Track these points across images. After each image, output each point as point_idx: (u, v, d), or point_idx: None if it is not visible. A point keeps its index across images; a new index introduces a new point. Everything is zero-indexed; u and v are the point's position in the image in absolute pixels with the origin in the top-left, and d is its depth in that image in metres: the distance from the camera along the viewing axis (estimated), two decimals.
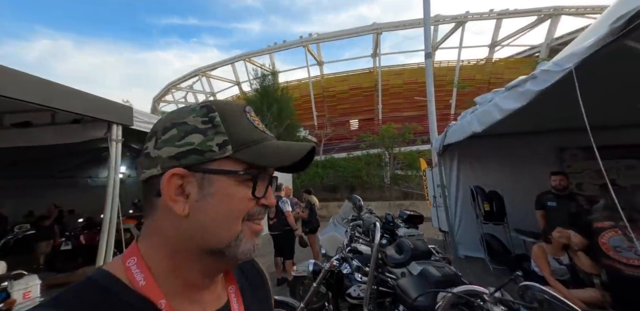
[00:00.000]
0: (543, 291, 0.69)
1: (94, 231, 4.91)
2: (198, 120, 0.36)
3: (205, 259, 0.35)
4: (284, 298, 1.80)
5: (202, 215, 0.33)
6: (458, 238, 4.52)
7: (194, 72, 25.29)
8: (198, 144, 0.34)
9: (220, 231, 0.34)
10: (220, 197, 0.34)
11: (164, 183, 0.33)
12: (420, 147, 12.49)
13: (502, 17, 18.20)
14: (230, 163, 0.35)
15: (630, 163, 3.70)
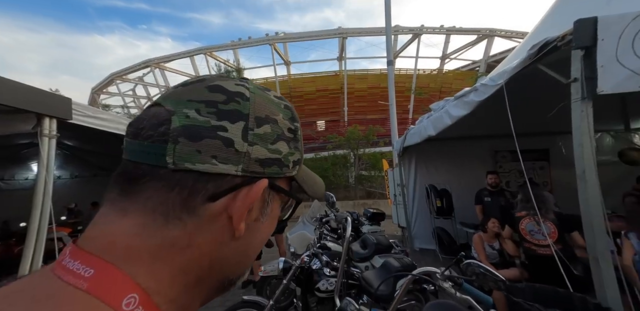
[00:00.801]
0: (479, 266, 0.87)
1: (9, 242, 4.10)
2: (286, 124, 0.29)
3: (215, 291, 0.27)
4: (252, 297, 1.80)
5: (252, 238, 0.27)
6: (414, 233, 4.96)
7: (145, 63, 22.90)
8: (284, 155, 0.28)
9: (253, 256, 0.29)
10: (272, 219, 0.29)
11: (252, 194, 0.25)
12: (383, 149, 13.28)
13: (450, 33, 20.47)
14: (285, 184, 0.30)
15: (542, 164, 4.54)
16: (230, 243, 0.26)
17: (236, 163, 0.25)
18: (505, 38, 19.44)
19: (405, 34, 20.74)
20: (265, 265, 2.65)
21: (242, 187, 0.25)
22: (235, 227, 0.25)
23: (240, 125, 0.25)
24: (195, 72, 23.60)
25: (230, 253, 0.26)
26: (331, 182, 12.77)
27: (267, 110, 0.28)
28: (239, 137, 0.25)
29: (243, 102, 0.26)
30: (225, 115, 0.25)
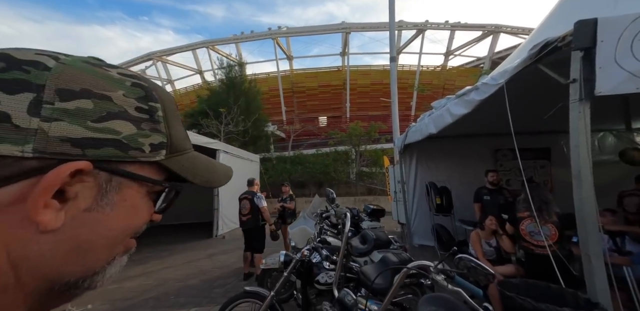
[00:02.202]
0: (470, 260, 0.91)
1: None
2: (130, 102, 0.25)
3: (47, 297, 0.23)
4: (254, 288, 1.86)
5: (86, 231, 0.23)
6: (414, 229, 5.02)
7: (148, 55, 22.84)
8: (126, 136, 0.24)
9: (100, 253, 0.24)
10: (124, 209, 0.25)
11: (47, 179, 0.21)
12: (385, 146, 13.27)
13: (455, 29, 20.13)
14: (149, 170, 0.26)
15: (543, 163, 4.54)
16: (39, 239, 0.21)
17: (20, 143, 0.21)
18: (511, 34, 19.08)
19: (410, 30, 20.43)
20: (267, 258, 2.72)
21: (45, 170, 0.21)
22: (33, 219, 0.21)
23: (26, 96, 0.21)
24: (197, 66, 23.52)
25: (44, 250, 0.21)
26: (332, 178, 12.83)
27: (86, 83, 0.24)
28: (21, 110, 0.21)
29: (37, 71, 0.22)
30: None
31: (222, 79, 15.06)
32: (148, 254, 5.20)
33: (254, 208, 3.74)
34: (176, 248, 5.67)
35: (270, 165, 12.97)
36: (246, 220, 3.78)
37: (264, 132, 15.37)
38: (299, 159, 14.00)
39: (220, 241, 6.35)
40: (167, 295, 3.21)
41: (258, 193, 3.85)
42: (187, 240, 6.39)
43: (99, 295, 3.19)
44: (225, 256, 4.95)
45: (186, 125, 6.83)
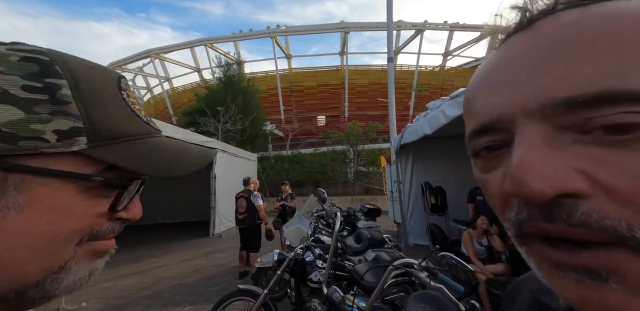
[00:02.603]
0: (451, 257, 0.94)
1: None
2: (12, 81, 0.20)
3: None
4: (247, 287, 1.89)
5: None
6: (409, 229, 5.07)
7: (145, 53, 22.70)
8: (6, 123, 0.20)
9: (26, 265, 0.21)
10: (43, 211, 0.21)
11: None
12: (382, 145, 13.33)
13: (454, 29, 20.23)
14: (72, 162, 0.22)
15: None
16: None
17: None
18: None
19: (408, 30, 20.48)
20: (262, 257, 2.75)
21: None
22: None
23: None
24: (195, 64, 23.43)
25: None
26: (330, 178, 12.87)
27: None
28: None
29: None
30: None
31: (221, 78, 15.03)
32: (143, 253, 5.20)
33: (251, 206, 3.76)
34: (172, 247, 5.68)
35: (268, 164, 12.99)
36: (242, 219, 3.80)
37: (262, 131, 15.37)
38: (296, 158, 14.03)
39: (217, 240, 6.36)
40: (162, 293, 3.23)
41: (255, 192, 3.87)
42: (184, 239, 6.40)
43: (93, 293, 3.20)
44: (222, 255, 4.97)
45: (184, 124, 6.78)
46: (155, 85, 25.04)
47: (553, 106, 0.14)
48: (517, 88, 0.16)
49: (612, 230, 0.13)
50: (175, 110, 21.99)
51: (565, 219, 0.14)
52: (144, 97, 26.84)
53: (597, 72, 0.14)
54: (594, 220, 0.13)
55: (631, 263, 0.13)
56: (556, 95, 0.14)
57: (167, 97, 23.62)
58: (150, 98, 25.92)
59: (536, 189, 0.14)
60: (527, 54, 0.16)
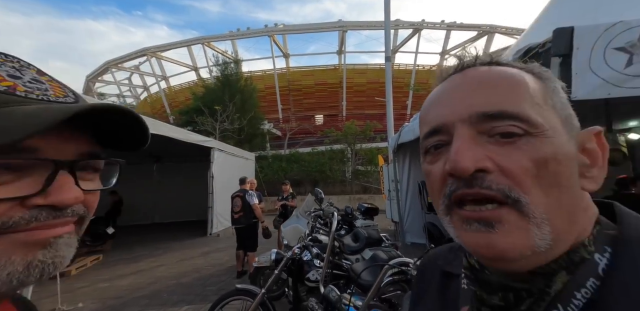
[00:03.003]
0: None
1: None
2: None
3: None
4: (245, 286, 1.90)
5: None
6: (407, 228, 5.10)
7: (142, 51, 22.50)
8: None
9: None
10: None
11: None
12: (380, 144, 13.36)
13: (451, 29, 20.29)
14: None
15: None
16: None
17: None
18: (506, 35, 19.32)
19: (406, 29, 20.49)
20: (260, 256, 2.75)
21: None
22: None
23: None
24: (192, 62, 23.28)
25: None
26: (328, 177, 12.89)
27: None
28: None
29: None
30: None
31: (218, 76, 14.94)
32: (141, 252, 5.19)
33: (246, 205, 3.76)
34: (170, 247, 5.67)
35: (265, 164, 12.96)
36: (238, 218, 3.81)
37: (260, 130, 15.33)
38: (294, 157, 14.02)
39: (215, 239, 6.36)
40: (159, 293, 3.23)
41: (250, 191, 3.88)
42: (182, 238, 6.39)
43: (89, 293, 3.19)
44: (219, 255, 4.97)
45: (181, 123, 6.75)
46: (152, 84, 24.85)
47: (475, 116, 0.24)
48: (455, 104, 0.25)
49: (502, 191, 0.22)
50: (172, 109, 21.84)
51: (479, 185, 0.23)
52: (140, 96, 26.64)
53: (498, 100, 0.24)
54: (494, 185, 0.23)
55: (508, 215, 0.22)
56: (477, 110, 0.24)
57: (164, 95, 23.44)
58: (147, 97, 25.70)
59: (465, 166, 0.23)
60: (460, 85, 0.27)
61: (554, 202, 0.22)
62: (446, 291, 0.33)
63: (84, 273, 4.03)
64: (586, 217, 0.25)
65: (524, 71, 0.26)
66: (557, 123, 0.24)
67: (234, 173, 6.77)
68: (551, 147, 0.23)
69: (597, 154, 0.26)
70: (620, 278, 0.22)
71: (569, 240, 0.24)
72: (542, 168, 0.22)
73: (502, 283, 0.25)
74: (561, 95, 0.26)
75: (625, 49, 1.07)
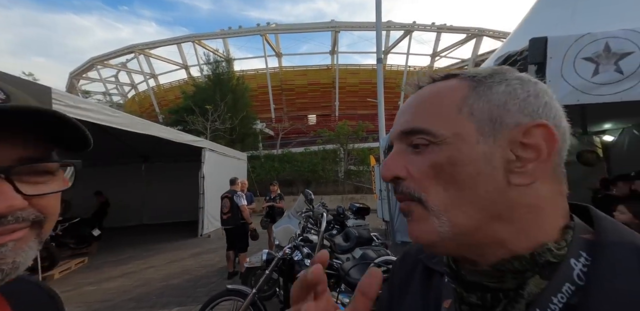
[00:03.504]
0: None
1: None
2: None
3: None
4: (236, 286, 1.91)
5: None
6: (397, 227, 5.19)
7: (130, 48, 21.92)
8: None
9: None
10: None
11: None
12: (372, 145, 13.49)
13: (441, 31, 20.68)
14: None
15: None
16: None
17: None
18: (493, 38, 19.84)
19: (397, 30, 20.75)
20: (251, 257, 2.76)
21: None
22: None
23: None
24: (182, 61, 22.84)
25: None
26: (320, 177, 12.93)
27: None
28: None
29: None
30: None
31: (209, 75, 14.73)
32: (130, 254, 5.08)
33: (234, 206, 3.76)
34: (160, 248, 5.58)
35: (258, 164, 12.89)
36: (226, 219, 3.80)
37: (252, 129, 15.21)
38: (287, 157, 13.99)
39: (206, 240, 6.29)
40: (148, 295, 3.19)
41: (238, 192, 3.87)
42: (172, 240, 6.29)
43: (74, 297, 3.12)
44: (210, 256, 4.93)
45: (170, 122, 6.61)
46: (140, 82, 24.23)
47: (399, 134, 0.30)
48: (395, 124, 0.31)
49: (410, 194, 0.28)
50: (161, 108, 21.37)
51: (397, 190, 0.29)
52: (128, 94, 25.93)
53: (412, 119, 0.29)
54: (404, 189, 0.28)
55: (415, 207, 0.28)
56: (399, 129, 0.30)
57: (153, 94, 22.91)
58: (135, 95, 25.04)
59: (385, 175, 0.29)
60: (402, 107, 0.32)
61: (453, 197, 0.26)
62: (429, 285, 0.35)
63: (69, 277, 3.92)
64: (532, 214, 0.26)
65: (465, 80, 0.29)
66: (465, 129, 0.26)
67: (226, 173, 6.72)
68: (448, 152, 0.26)
69: (539, 147, 0.26)
70: (598, 284, 0.23)
71: (486, 231, 0.26)
72: (439, 170, 0.26)
73: (476, 282, 0.28)
74: (492, 98, 0.27)
75: (592, 59, 1.16)
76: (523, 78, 0.29)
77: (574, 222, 0.27)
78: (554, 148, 0.26)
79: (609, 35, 1.16)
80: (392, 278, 0.41)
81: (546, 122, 0.26)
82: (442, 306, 0.31)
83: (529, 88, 0.27)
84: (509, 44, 1.85)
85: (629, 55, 1.14)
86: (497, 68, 0.30)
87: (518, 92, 0.27)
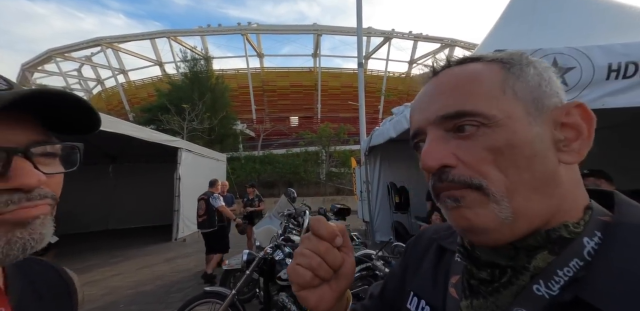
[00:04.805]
0: (402, 246, 1.07)
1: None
2: None
3: None
4: (214, 288, 1.85)
5: None
6: (376, 227, 5.33)
7: (95, 41, 20.44)
8: None
9: None
10: None
11: None
12: (353, 147, 13.74)
13: (417, 40, 21.79)
14: None
15: None
16: None
17: None
18: (464, 49, 21.27)
19: (377, 37, 21.48)
20: (230, 259, 2.69)
21: None
22: None
23: None
24: (156, 57, 21.70)
25: None
26: (302, 178, 12.89)
27: None
28: None
29: None
30: None
31: (186, 73, 14.15)
32: (94, 261, 4.69)
33: (210, 209, 3.65)
34: (128, 254, 5.21)
35: (238, 165, 12.56)
36: (202, 222, 3.69)
37: (232, 130, 14.81)
38: (268, 159, 13.79)
39: (181, 244, 5.99)
40: (115, 304, 2.97)
41: (215, 194, 3.77)
42: (142, 245, 5.90)
43: None
44: (185, 260, 4.71)
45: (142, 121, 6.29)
46: (108, 77, 22.62)
47: (439, 119, 0.28)
48: (425, 110, 0.29)
49: (464, 182, 0.26)
50: (132, 105, 20.09)
51: (446, 179, 0.27)
52: (93, 90, 24.03)
53: (455, 102, 0.27)
54: (456, 177, 0.26)
55: (469, 193, 0.26)
56: (439, 114, 0.28)
57: (122, 90, 21.48)
58: (101, 91, 23.30)
59: (429, 164, 0.27)
60: (429, 92, 0.30)
61: (515, 180, 0.25)
62: (441, 262, 0.36)
63: None
64: (567, 193, 0.26)
65: (492, 62, 0.28)
66: (516, 110, 0.26)
67: (203, 174, 6.46)
68: (504, 134, 0.25)
69: (580, 127, 0.26)
70: (606, 259, 0.23)
71: (539, 212, 0.25)
72: (498, 154, 0.25)
73: (489, 260, 0.28)
74: (528, 79, 0.27)
75: None
76: (542, 61, 0.29)
77: (594, 204, 0.28)
78: (593, 125, 0.27)
79: (556, 51, 1.33)
80: (405, 254, 0.44)
81: (582, 102, 0.27)
82: (449, 282, 0.33)
83: (549, 71, 0.29)
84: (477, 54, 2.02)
85: (572, 70, 1.31)
86: (515, 52, 0.30)
87: (544, 74, 0.28)
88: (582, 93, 1.45)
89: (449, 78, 0.29)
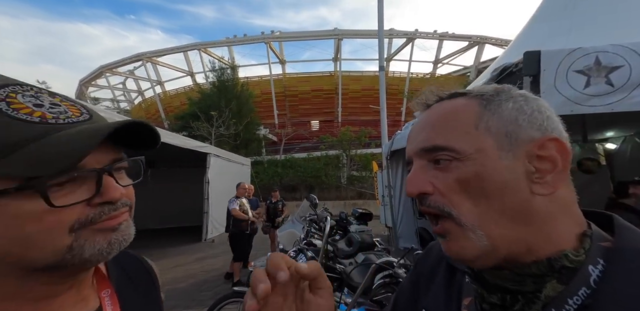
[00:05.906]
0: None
1: None
2: None
3: (34, 275, 0.29)
4: (242, 288, 1.95)
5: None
6: (399, 233, 5.18)
7: (137, 56, 22.56)
8: None
9: (28, 254, 0.27)
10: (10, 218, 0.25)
11: None
12: (374, 150, 13.53)
13: (443, 39, 20.98)
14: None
15: None
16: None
17: None
18: (496, 45, 20.05)
19: (400, 38, 21.09)
20: (255, 261, 2.80)
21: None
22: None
23: None
24: (188, 68, 23.38)
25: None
26: (323, 182, 12.94)
27: None
28: None
29: None
30: None
31: (214, 82, 15.06)
32: None
33: (228, 213, 3.79)
34: (164, 253, 5.61)
35: (261, 169, 12.98)
36: (226, 225, 3.83)
37: (256, 135, 15.40)
38: (290, 163, 14.07)
39: (210, 245, 6.32)
40: None
41: (232, 198, 3.90)
42: (176, 244, 6.32)
43: None
44: (214, 260, 4.96)
45: (176, 128, 6.76)
46: (147, 89, 24.80)
47: (420, 151, 0.31)
48: (413, 141, 0.33)
49: (438, 208, 0.29)
50: (167, 114, 21.77)
51: (424, 204, 0.30)
52: (134, 101, 26.51)
53: (433, 137, 0.30)
54: (432, 203, 0.29)
55: (450, 226, 0.29)
56: (420, 146, 0.31)
57: (159, 100, 23.39)
58: (141, 102, 25.59)
59: (410, 191, 0.30)
60: (419, 124, 0.34)
61: (485, 210, 0.27)
62: (452, 281, 0.37)
63: None
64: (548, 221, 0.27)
65: (473, 98, 0.30)
66: (486, 145, 0.28)
67: (230, 178, 6.80)
68: (473, 167, 0.27)
69: (555, 159, 0.27)
70: (611, 286, 0.24)
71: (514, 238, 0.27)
72: (466, 185, 0.27)
73: (497, 284, 0.29)
74: (504, 114, 0.28)
75: (584, 72, 1.22)
76: (526, 95, 0.31)
77: (591, 230, 0.28)
78: (568, 159, 0.28)
79: (598, 49, 1.23)
80: (415, 269, 0.45)
81: (558, 136, 0.28)
82: (462, 304, 0.33)
83: (532, 104, 0.29)
84: (506, 55, 1.93)
85: (619, 69, 1.21)
86: (499, 86, 0.31)
87: (524, 108, 0.29)
88: (631, 94, 1.32)
89: (435, 112, 0.32)
